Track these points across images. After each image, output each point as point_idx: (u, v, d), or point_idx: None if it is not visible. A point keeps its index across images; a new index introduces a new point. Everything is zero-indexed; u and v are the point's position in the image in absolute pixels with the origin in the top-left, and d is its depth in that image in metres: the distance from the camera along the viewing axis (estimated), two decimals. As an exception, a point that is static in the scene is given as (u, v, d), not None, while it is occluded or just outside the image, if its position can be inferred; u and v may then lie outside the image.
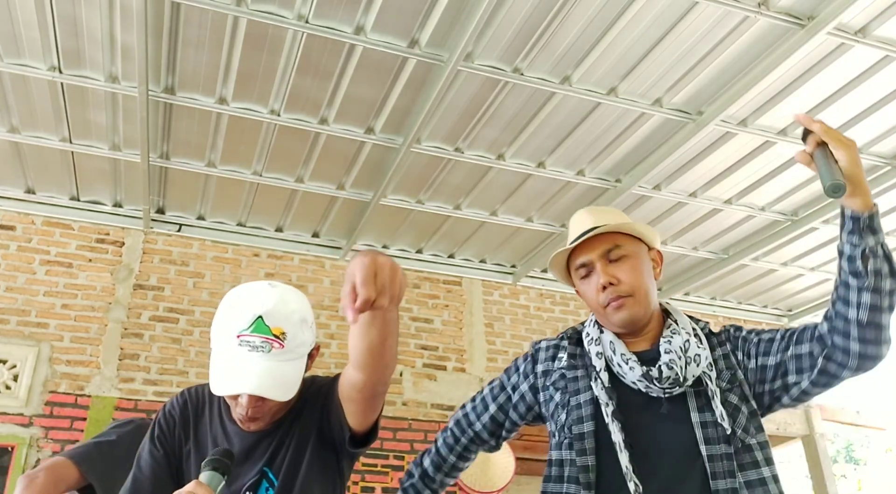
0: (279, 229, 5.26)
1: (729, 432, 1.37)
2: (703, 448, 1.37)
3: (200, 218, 5.10)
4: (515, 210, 4.97)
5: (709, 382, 1.44)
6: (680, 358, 1.44)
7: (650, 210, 4.95)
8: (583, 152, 4.38)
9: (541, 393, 1.59)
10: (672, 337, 1.49)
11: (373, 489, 4.76)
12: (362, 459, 4.79)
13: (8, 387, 4.32)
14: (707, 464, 1.36)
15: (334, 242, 5.36)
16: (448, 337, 5.47)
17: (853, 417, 7.09)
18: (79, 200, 4.87)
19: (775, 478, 1.40)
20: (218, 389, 1.38)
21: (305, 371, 1.46)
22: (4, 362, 4.37)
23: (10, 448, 4.17)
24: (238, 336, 1.38)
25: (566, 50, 3.55)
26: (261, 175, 4.55)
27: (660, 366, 1.44)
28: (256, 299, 1.41)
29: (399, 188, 4.70)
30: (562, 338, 1.63)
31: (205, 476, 1.28)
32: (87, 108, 3.97)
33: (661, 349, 1.47)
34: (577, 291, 1.62)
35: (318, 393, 1.49)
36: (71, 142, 4.25)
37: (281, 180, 4.60)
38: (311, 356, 1.48)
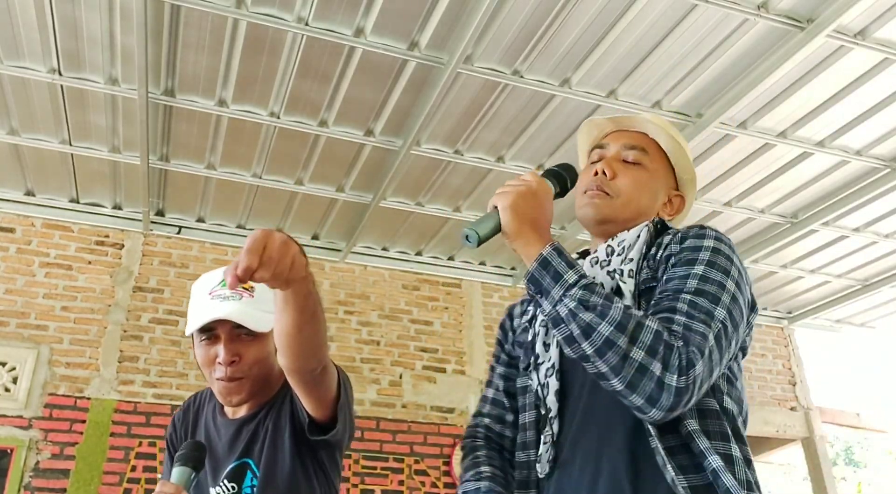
0: (278, 232, 5.25)
1: None
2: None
3: (200, 220, 5.10)
4: (515, 212, 4.96)
5: None
6: None
7: (650, 212, 4.95)
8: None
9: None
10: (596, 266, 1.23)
11: (373, 491, 4.76)
12: (362, 461, 4.79)
13: (7, 389, 4.31)
14: None
15: (334, 244, 5.36)
16: (448, 339, 5.46)
17: (853, 419, 7.09)
18: (78, 202, 4.87)
19: None
20: (194, 324, 1.47)
21: None
22: (4, 364, 4.37)
23: (9, 451, 4.16)
24: (210, 293, 1.49)
25: (566, 52, 3.55)
26: (260, 177, 4.55)
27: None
28: (222, 269, 1.50)
29: (399, 190, 4.70)
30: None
31: (174, 473, 1.35)
32: (87, 110, 3.97)
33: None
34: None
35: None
36: (71, 144, 4.25)
37: (281, 183, 4.60)
38: None
